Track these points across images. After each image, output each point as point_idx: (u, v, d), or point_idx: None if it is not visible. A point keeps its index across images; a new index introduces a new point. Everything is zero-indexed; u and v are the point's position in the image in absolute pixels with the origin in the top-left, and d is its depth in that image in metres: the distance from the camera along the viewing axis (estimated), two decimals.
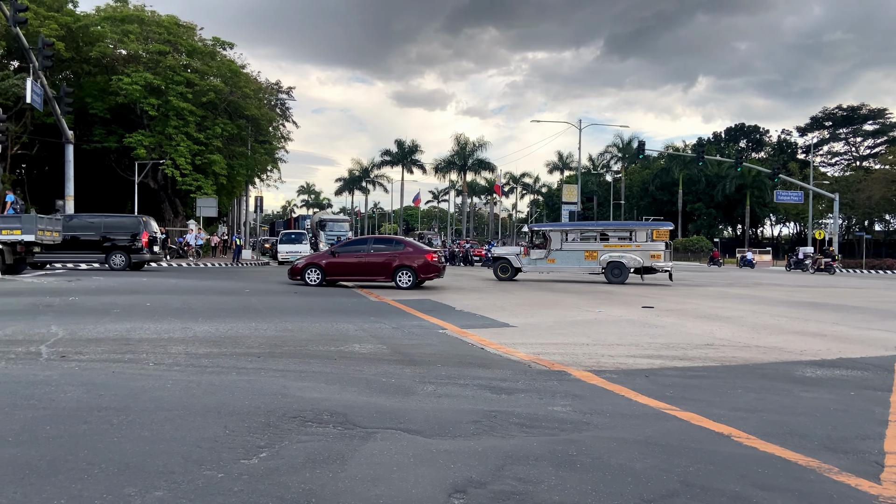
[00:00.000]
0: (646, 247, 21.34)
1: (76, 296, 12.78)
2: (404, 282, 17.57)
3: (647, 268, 21.39)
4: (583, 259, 21.52)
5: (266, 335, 8.52)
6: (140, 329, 8.70)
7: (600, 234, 22.11)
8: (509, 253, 22.73)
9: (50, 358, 6.59)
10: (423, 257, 17.84)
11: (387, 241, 19.07)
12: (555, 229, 22.46)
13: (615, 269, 21.13)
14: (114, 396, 5.01)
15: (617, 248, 21.48)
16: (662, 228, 21.97)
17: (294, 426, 4.32)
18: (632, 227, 22.37)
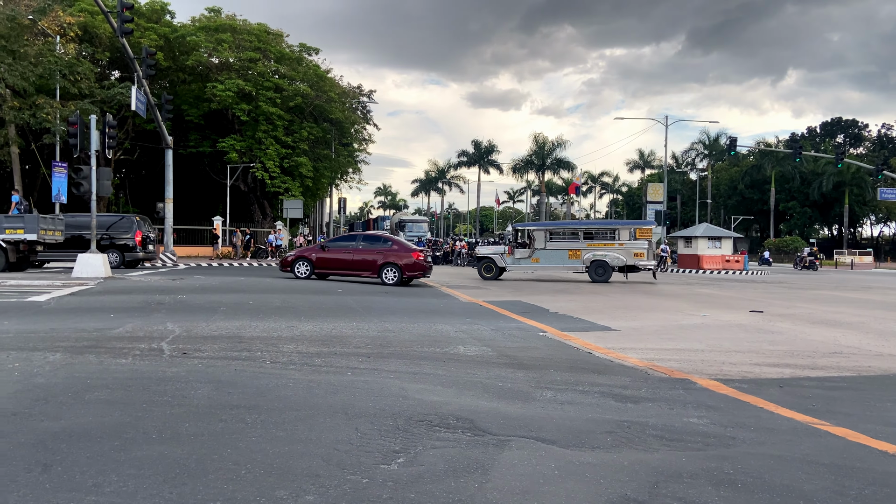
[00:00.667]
0: (629, 245, 21.37)
1: (183, 294, 13.32)
2: (390, 278, 18.00)
3: (631, 266, 21.56)
4: (567, 258, 21.59)
5: (369, 335, 8.55)
6: (249, 327, 8.92)
7: (584, 233, 22.08)
8: (493, 252, 22.65)
9: (173, 355, 6.81)
10: (410, 256, 18.32)
11: (375, 239, 19.60)
12: (538, 228, 22.45)
13: (599, 268, 21.23)
14: (241, 395, 5.08)
15: (600, 247, 21.50)
16: (645, 227, 22.05)
17: (423, 430, 4.23)
18: (615, 226, 22.46)
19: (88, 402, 4.77)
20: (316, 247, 19.67)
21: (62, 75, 27.95)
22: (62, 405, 4.66)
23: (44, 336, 7.82)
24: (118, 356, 6.65)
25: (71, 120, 16.67)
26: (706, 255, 37.04)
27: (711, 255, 37.14)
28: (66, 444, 3.79)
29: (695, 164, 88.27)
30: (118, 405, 4.69)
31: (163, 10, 37.12)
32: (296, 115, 37.68)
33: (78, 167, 16.63)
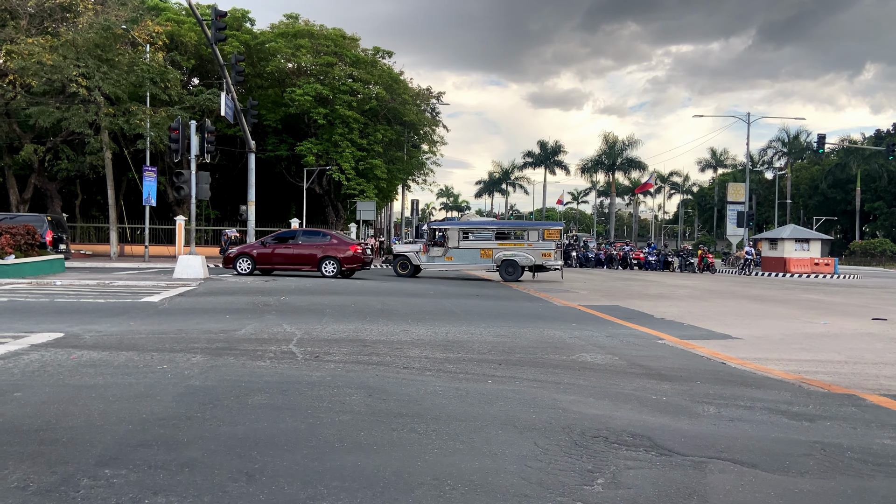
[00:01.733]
0: (537, 246, 21.85)
1: (284, 296, 13.56)
2: (329, 271, 18.96)
3: (539, 266, 21.99)
4: (479, 257, 22.12)
5: (486, 340, 8.42)
6: (365, 330, 8.94)
7: (496, 234, 22.55)
8: (409, 250, 23.22)
9: (306, 358, 6.85)
10: (349, 249, 19.36)
11: (314, 234, 20.36)
12: (452, 228, 22.88)
13: (509, 267, 21.69)
14: (397, 402, 5.02)
15: (510, 247, 22.00)
16: (553, 228, 22.74)
17: (603, 447, 4.05)
18: (525, 227, 23.01)
19: (254, 406, 4.80)
20: (257, 243, 20.21)
21: (153, 82, 29.12)
22: (230, 409, 4.70)
23: (175, 337, 8.04)
24: (255, 359, 6.73)
25: (172, 126, 17.31)
26: (793, 259, 35.39)
27: (799, 259, 35.47)
28: (256, 451, 3.79)
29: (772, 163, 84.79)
30: (285, 410, 4.70)
31: (243, 18, 38.23)
32: (370, 117, 38.12)
33: (179, 171, 17.26)
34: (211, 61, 37.50)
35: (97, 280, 15.57)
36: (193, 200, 17.45)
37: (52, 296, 12.63)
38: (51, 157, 32.66)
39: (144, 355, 6.78)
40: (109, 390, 5.22)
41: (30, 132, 32.66)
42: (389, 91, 37.66)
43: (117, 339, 7.86)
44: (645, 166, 71.03)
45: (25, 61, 26.69)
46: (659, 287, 20.50)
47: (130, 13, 30.30)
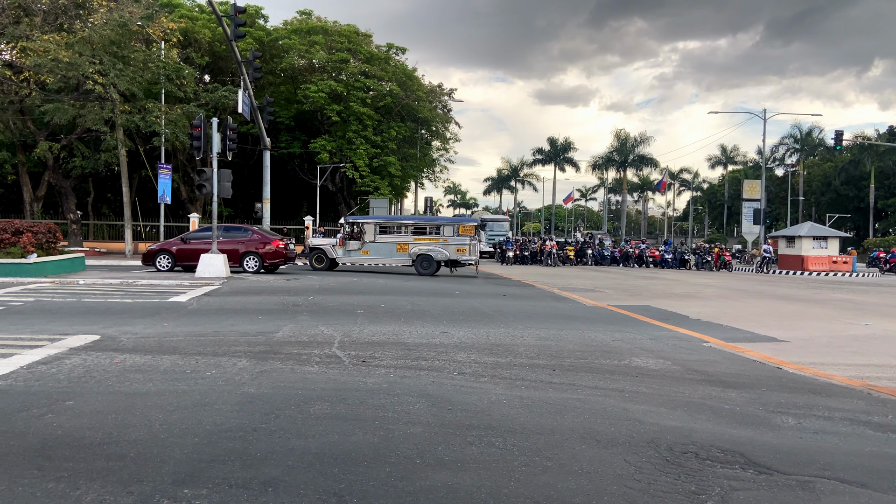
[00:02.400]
0: (452, 241, 22.17)
1: (311, 295, 13.39)
2: (251, 266, 19.04)
3: (454, 261, 22.39)
4: (395, 251, 22.47)
5: (530, 343, 8.21)
6: (404, 332, 8.75)
7: (412, 229, 22.78)
8: (325, 244, 23.30)
9: (354, 363, 6.66)
10: (270, 244, 19.30)
11: (235, 229, 20.48)
12: (368, 222, 23.05)
13: (424, 262, 22.11)
14: (463, 412, 4.83)
15: (426, 242, 22.34)
16: (468, 224, 23.05)
17: (697, 464, 3.84)
18: (440, 222, 23.30)
19: (318, 417, 4.62)
20: (177, 239, 20.06)
21: (169, 80, 28.99)
22: (295, 420, 4.52)
23: (214, 339, 7.87)
24: (302, 363, 6.55)
25: (194, 123, 17.14)
26: (811, 256, 35.00)
27: (817, 256, 35.08)
28: (336, 468, 3.60)
29: (783, 160, 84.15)
30: (351, 422, 4.51)
31: (256, 14, 38.04)
32: (384, 114, 37.92)
33: (201, 169, 17.12)
34: (224, 58, 37.37)
35: (120, 279, 15.45)
36: (215, 198, 17.29)
37: (78, 295, 12.49)
38: (65, 155, 32.60)
39: (188, 359, 6.61)
40: (164, 398, 5.04)
41: (44, 129, 32.60)
42: (403, 88, 37.45)
43: (155, 341, 7.70)
44: (657, 163, 70.66)
45: (41, 58, 26.59)
46: (683, 286, 20.24)
47: (144, 10, 30.17)
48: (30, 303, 11.19)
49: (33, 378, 5.68)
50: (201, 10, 37.71)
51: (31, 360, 6.43)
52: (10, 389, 5.26)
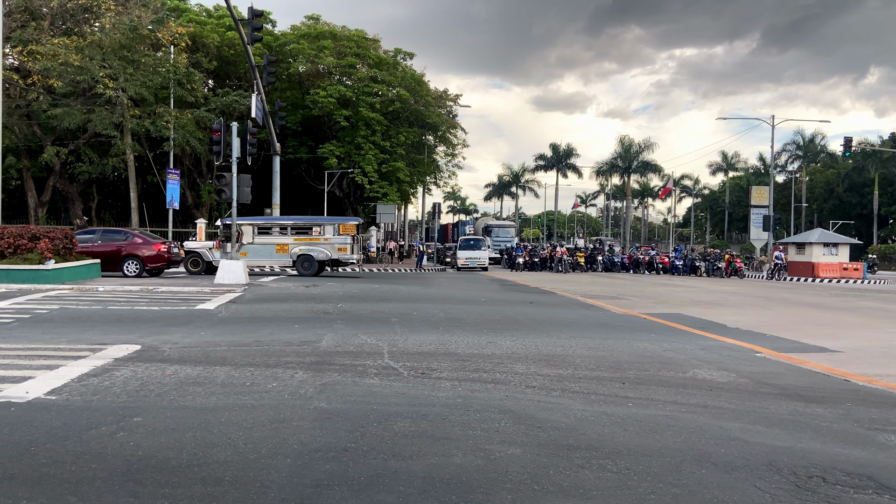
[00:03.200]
0: (333, 240, 22.10)
1: (340, 303, 13.14)
2: (131, 271, 18.72)
3: (335, 260, 22.32)
4: (274, 252, 22.12)
5: (582, 353, 7.97)
6: (449, 342, 8.49)
7: (291, 229, 22.49)
8: (201, 247, 22.93)
9: (413, 375, 6.41)
10: (152, 248, 19.15)
11: (115, 233, 20.27)
12: (245, 223, 22.47)
13: (305, 262, 21.92)
14: (554, 431, 4.58)
15: (306, 242, 22.14)
16: (349, 223, 23.01)
17: (829, 490, 3.61)
18: (320, 222, 23.07)
19: (405, 435, 4.36)
20: None
21: (179, 84, 28.77)
22: (383, 439, 4.26)
23: (259, 350, 7.61)
24: (361, 375, 6.30)
25: (214, 128, 16.92)
26: (822, 263, 34.80)
27: (828, 263, 34.90)
28: (455, 495, 3.35)
29: (785, 167, 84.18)
30: (443, 441, 4.25)
31: (265, 19, 37.84)
32: (392, 119, 37.75)
33: (220, 174, 16.87)
34: (231, 63, 37.18)
35: (139, 286, 15.17)
36: (235, 203, 17.04)
37: (102, 303, 12.22)
38: (73, 160, 32.31)
39: (242, 371, 6.36)
40: (235, 414, 4.78)
41: (50, 134, 32.33)
42: (412, 93, 37.31)
43: (199, 351, 7.44)
44: (661, 169, 70.55)
45: (50, 62, 26.37)
46: (705, 293, 20.02)
47: (152, 14, 30.00)
48: (55, 310, 10.91)
49: (88, 392, 5.42)
50: (209, 14, 37.56)
51: (80, 371, 6.17)
52: (68, 405, 5.00)
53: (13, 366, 6.40)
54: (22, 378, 5.84)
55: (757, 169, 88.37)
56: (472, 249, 36.11)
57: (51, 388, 5.47)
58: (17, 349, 7.35)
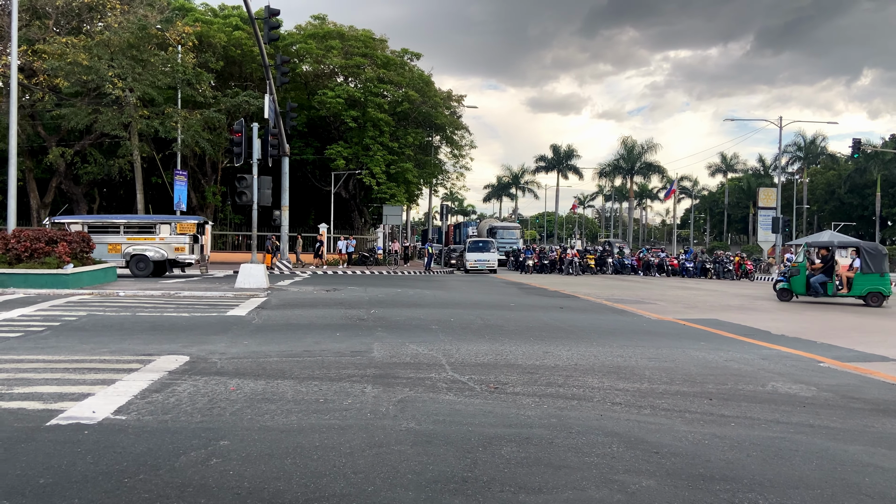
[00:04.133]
0: (170, 240, 21.65)
1: (372, 308, 12.82)
2: None
3: (172, 260, 21.82)
4: (106, 252, 21.08)
5: (646, 364, 7.67)
6: (505, 352, 8.19)
7: (125, 228, 21.93)
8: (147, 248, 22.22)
9: (486, 389, 6.10)
10: None
11: None
12: (75, 222, 21.67)
13: (140, 262, 21.42)
14: (673, 457, 4.27)
15: (140, 242, 21.62)
16: (187, 222, 22.34)
17: None
18: (155, 221, 22.54)
19: (520, 462, 4.05)
20: None
21: (188, 84, 28.38)
22: (498, 467, 3.95)
23: (312, 361, 7.29)
24: (434, 390, 5.99)
25: (235, 128, 16.56)
26: None
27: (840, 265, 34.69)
28: None
29: (786, 168, 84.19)
30: (564, 470, 3.94)
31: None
32: (399, 120, 37.42)
33: (241, 176, 16.54)
34: (238, 63, 36.78)
35: (160, 290, 14.80)
36: (255, 206, 16.70)
37: (129, 309, 11.86)
38: (78, 161, 31.87)
39: (307, 386, 6.03)
40: (327, 437, 4.46)
41: (54, 135, 31.88)
42: (421, 93, 36.95)
43: (252, 363, 7.11)
44: (664, 171, 70.42)
45: (58, 61, 25.94)
46: (729, 297, 19.76)
47: (157, 13, 29.59)
48: (84, 317, 10.55)
49: (158, 410, 5.09)
50: (214, 14, 37.17)
51: (139, 387, 5.84)
52: (144, 426, 4.67)
53: (66, 380, 6.06)
54: (80, 395, 5.51)
55: (756, 170, 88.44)
56: (480, 251, 35.73)
57: (117, 407, 5.14)
58: (62, 360, 7.01)
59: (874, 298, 17.00)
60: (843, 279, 17.54)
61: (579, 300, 17.34)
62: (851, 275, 17.55)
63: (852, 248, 18.76)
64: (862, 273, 17.23)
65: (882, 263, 17.20)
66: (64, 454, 4.01)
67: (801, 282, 17.71)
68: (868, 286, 17.06)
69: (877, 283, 16.99)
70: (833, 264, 17.71)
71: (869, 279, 17.06)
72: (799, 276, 17.75)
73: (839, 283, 17.45)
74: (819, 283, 17.41)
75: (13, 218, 15.92)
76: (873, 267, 17.09)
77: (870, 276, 17.06)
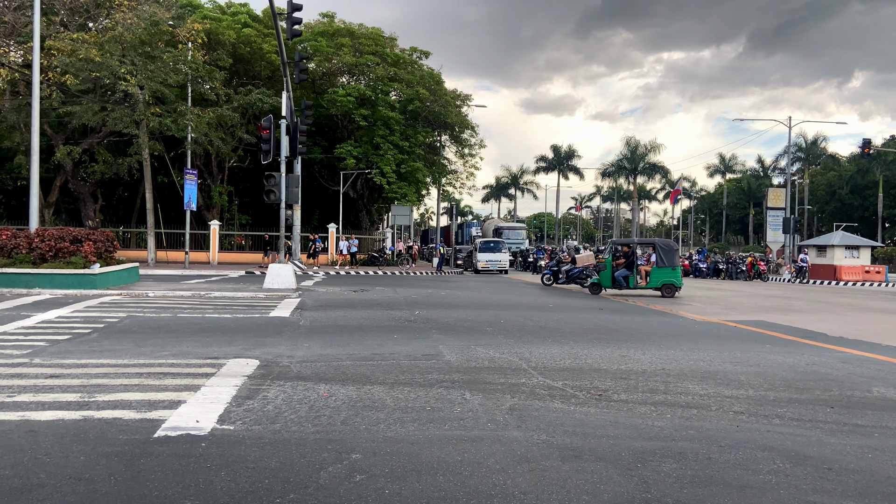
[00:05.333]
0: None
1: (417, 310, 12.46)
2: None
3: None
4: None
5: (737, 370, 7.34)
6: (581, 356, 7.86)
7: None
8: None
9: (590, 397, 5.77)
10: None
11: None
12: None
13: None
14: (850, 473, 3.96)
15: None
16: None
17: None
18: None
19: (693, 481, 3.73)
20: None
21: (201, 81, 27.93)
22: (675, 488, 3.61)
23: (389, 365, 6.94)
24: (535, 397, 5.66)
25: (263, 125, 16.18)
26: (844, 266, 34.53)
27: (850, 266, 34.64)
28: None
29: (784, 169, 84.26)
30: (751, 491, 3.61)
31: (280, 15, 37.02)
32: (410, 119, 37.03)
33: (269, 174, 16.13)
34: (246, 61, 36.29)
35: (189, 291, 14.39)
36: (283, 204, 16.30)
37: (168, 310, 11.46)
38: (86, 159, 31.32)
39: (402, 392, 5.68)
40: (459, 448, 4.11)
41: (61, 133, 31.32)
42: (432, 92, 36.58)
43: (326, 366, 6.76)
44: (668, 171, 70.29)
45: (69, 58, 25.43)
46: (760, 298, 19.49)
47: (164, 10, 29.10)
48: (125, 319, 10.15)
49: (263, 419, 4.73)
50: (222, 11, 36.68)
51: (228, 393, 5.47)
52: (258, 437, 4.30)
53: (147, 387, 5.68)
54: (171, 402, 5.14)
55: (756, 171, 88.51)
56: (492, 252, 35.38)
57: (217, 416, 4.77)
58: (129, 365, 6.63)
59: (668, 289, 18.68)
60: (642, 273, 19.27)
61: (610, 301, 17.04)
62: (649, 269, 19.34)
63: (650, 245, 20.83)
64: (657, 267, 18.91)
65: (674, 258, 19.02)
66: (193, 470, 3.65)
67: (607, 276, 19.23)
68: (663, 279, 18.74)
69: (669, 276, 18.77)
70: (634, 260, 19.32)
71: (663, 272, 18.78)
72: (606, 271, 19.33)
73: (639, 277, 19.10)
74: (622, 277, 19.09)
75: (35, 217, 15.46)
76: (667, 261, 18.83)
77: (664, 269, 18.78)
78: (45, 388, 5.50)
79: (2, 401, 5.08)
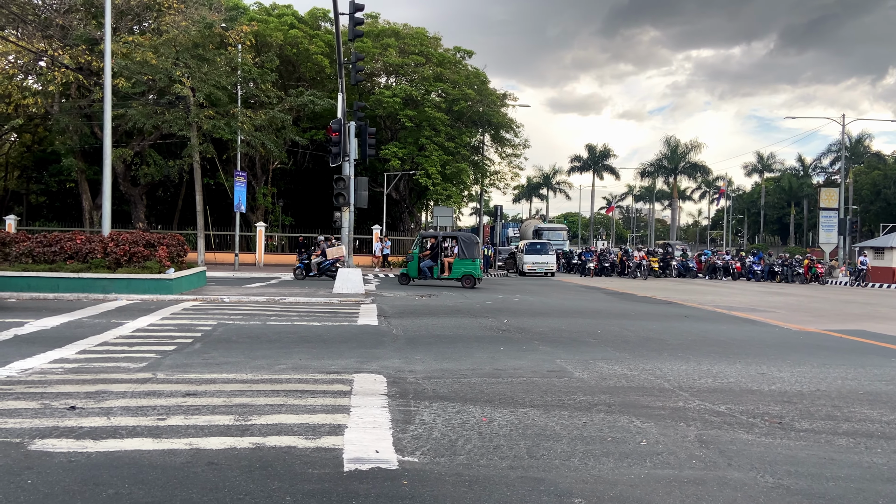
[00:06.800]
0: None
1: (504, 318, 12.06)
2: None
3: None
4: None
5: (871, 390, 6.80)
6: (717, 374, 7.38)
7: None
8: None
9: (773, 425, 5.30)
10: None
11: None
12: None
13: None
14: None
15: None
16: None
17: None
18: None
19: None
20: None
21: (254, 83, 27.88)
22: None
23: (521, 383, 6.55)
24: (713, 426, 5.21)
25: (333, 127, 15.93)
26: None
27: None
28: None
29: (826, 168, 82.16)
30: None
31: (324, 17, 36.97)
32: (455, 119, 36.64)
33: (339, 177, 15.87)
34: (292, 62, 36.25)
35: (263, 297, 14.17)
36: (352, 207, 16.04)
37: (255, 317, 11.21)
38: (137, 162, 31.51)
39: (560, 417, 5.27)
40: (688, 493, 3.69)
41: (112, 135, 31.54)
42: (478, 92, 36.15)
43: (458, 384, 6.39)
44: (709, 171, 68.91)
45: (126, 60, 25.54)
46: (841, 304, 18.70)
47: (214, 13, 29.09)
48: (218, 327, 9.90)
49: (443, 449, 4.36)
50: (268, 13, 36.68)
51: (383, 416, 5.12)
52: (455, 474, 3.92)
53: (295, 407, 5.34)
54: (331, 427, 4.79)
55: (796, 170, 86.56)
56: (539, 254, 34.78)
57: (391, 445, 4.42)
58: (258, 381, 6.31)
59: (467, 280, 19.73)
60: (444, 264, 20.10)
61: (685, 307, 16.43)
62: (451, 260, 20.10)
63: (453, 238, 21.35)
64: (459, 259, 19.84)
65: (474, 251, 20.04)
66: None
67: (414, 267, 20.07)
68: (463, 270, 19.74)
69: (469, 267, 19.79)
70: (439, 252, 20.17)
71: (464, 264, 19.78)
72: (413, 261, 20.13)
73: (442, 268, 19.94)
74: (427, 268, 19.89)
75: (108, 221, 15.38)
76: (468, 254, 19.83)
77: (464, 261, 19.78)
78: (191, 410, 5.19)
79: (157, 424, 4.78)
